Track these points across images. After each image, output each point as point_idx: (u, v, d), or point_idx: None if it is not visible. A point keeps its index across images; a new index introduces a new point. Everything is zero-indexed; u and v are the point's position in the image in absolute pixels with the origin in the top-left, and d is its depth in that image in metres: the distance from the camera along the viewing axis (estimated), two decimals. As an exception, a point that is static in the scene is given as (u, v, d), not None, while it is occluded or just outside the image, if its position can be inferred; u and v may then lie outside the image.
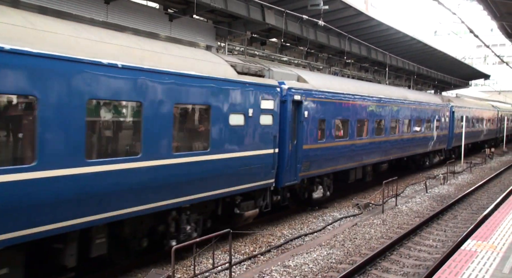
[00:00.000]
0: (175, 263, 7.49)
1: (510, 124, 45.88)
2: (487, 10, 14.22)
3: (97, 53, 7.16)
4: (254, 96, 10.55)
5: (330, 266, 9.36)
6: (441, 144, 25.23)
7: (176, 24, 14.91)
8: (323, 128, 13.67)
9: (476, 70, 43.49)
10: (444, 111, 25.50)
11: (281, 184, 11.83)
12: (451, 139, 26.69)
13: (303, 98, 12.48)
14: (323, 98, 13.66)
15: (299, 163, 12.39)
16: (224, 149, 9.66)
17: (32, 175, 6.14)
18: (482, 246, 8.56)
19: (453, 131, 26.84)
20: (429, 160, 24.74)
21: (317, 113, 13.23)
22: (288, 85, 12.02)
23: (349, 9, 18.75)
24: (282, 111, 11.74)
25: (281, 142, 11.70)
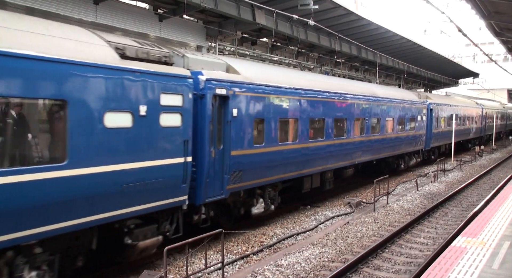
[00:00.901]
0: (167, 264, 7.46)
1: (499, 122, 46.08)
2: (475, 9, 14.37)
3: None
4: (150, 89, 8.06)
5: (322, 265, 9.39)
6: (417, 144, 23.09)
7: (166, 25, 14.88)
8: (261, 130, 11.34)
9: (465, 69, 43.90)
10: (421, 109, 23.29)
11: (200, 201, 9.51)
12: (429, 139, 24.80)
13: (230, 92, 10.10)
14: (262, 93, 11.24)
15: (227, 173, 10.09)
16: (95, 160, 7.15)
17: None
18: (472, 243, 8.65)
19: (431, 131, 24.88)
20: (404, 163, 22.41)
21: (252, 112, 10.89)
22: (208, 75, 9.55)
23: (339, 9, 18.85)
24: (199, 109, 9.37)
25: (198, 148, 9.36)
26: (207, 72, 9.72)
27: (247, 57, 20.49)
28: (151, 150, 8.15)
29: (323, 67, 26.06)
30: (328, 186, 15.39)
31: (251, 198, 11.62)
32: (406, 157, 22.53)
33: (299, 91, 12.85)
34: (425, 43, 30.79)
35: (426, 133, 24.08)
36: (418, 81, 41.20)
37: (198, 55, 10.44)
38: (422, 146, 23.91)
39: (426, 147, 24.62)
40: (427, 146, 24.78)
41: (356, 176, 19.11)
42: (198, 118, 9.37)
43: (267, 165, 11.54)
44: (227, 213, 11.38)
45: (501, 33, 17.85)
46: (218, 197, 10.05)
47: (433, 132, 25.07)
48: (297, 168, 12.97)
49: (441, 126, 26.74)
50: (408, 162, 23.00)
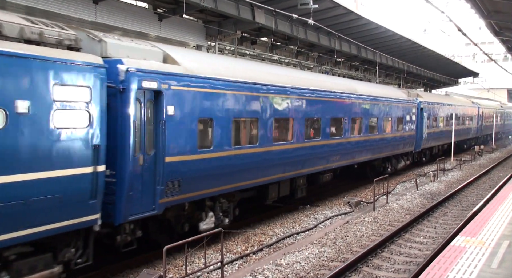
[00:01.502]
0: (166, 263, 7.47)
1: (499, 122, 46.00)
2: (475, 8, 14.38)
3: None
4: (35, 79, 6.37)
5: (321, 264, 9.40)
6: (406, 146, 21.53)
7: (165, 24, 14.89)
8: (208, 132, 9.74)
9: (465, 68, 43.90)
10: (410, 108, 21.73)
11: (120, 220, 7.84)
12: (420, 140, 23.15)
13: (164, 86, 8.46)
14: (210, 88, 9.58)
15: (161, 184, 8.42)
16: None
17: None
18: (471, 242, 8.66)
19: (422, 131, 23.24)
20: (391, 166, 20.66)
21: (196, 110, 9.23)
22: (130, 65, 7.87)
23: (339, 8, 18.85)
24: (119, 106, 7.76)
25: (117, 154, 7.73)
26: (131, 61, 7.99)
27: (247, 56, 20.49)
28: (38, 159, 6.36)
29: (322, 67, 26.06)
30: (300, 194, 13.84)
31: (199, 211, 9.99)
32: (393, 160, 20.89)
33: (260, 87, 11.16)
34: (425, 43, 30.80)
35: (416, 134, 22.55)
36: (418, 80, 41.21)
37: (124, 40, 8.70)
38: (412, 147, 22.43)
39: (416, 148, 23.08)
40: (418, 147, 23.22)
41: (358, 176, 19.09)
42: (118, 117, 7.72)
43: (217, 173, 9.80)
44: (167, 230, 9.67)
45: (501, 33, 17.86)
46: (148, 213, 8.33)
47: (424, 132, 23.57)
48: (259, 174, 11.28)
49: (433, 126, 25.24)
50: (396, 165, 21.35)
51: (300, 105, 12.96)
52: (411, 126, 21.85)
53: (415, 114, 22.42)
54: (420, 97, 24.01)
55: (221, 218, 10.55)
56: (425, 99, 24.33)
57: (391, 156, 20.21)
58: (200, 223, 9.94)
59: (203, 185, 9.56)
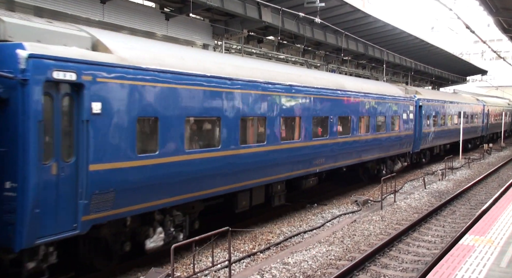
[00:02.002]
0: (174, 262, 7.50)
1: (508, 119, 45.66)
2: (483, 6, 14.27)
3: None
4: None
5: (329, 263, 9.39)
6: (403, 147, 19.85)
7: (172, 23, 14.93)
8: (152, 133, 8.27)
9: (473, 66, 43.61)
10: (407, 106, 20.00)
11: (22, 244, 6.28)
12: (418, 140, 21.52)
13: (87, 78, 6.98)
14: (152, 82, 8.04)
15: (84, 198, 6.95)
16: None
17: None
18: (480, 241, 8.60)
19: (420, 130, 21.65)
20: (385, 168, 18.96)
21: (134, 107, 7.74)
22: (35, 50, 6.38)
23: (346, 6, 18.80)
24: (20, 101, 6.29)
25: (17, 162, 6.29)
26: (36, 45, 6.46)
27: (254, 55, 20.50)
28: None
29: (329, 65, 26.01)
30: (277, 202, 12.32)
31: (146, 226, 8.49)
32: (388, 162, 19.19)
33: (222, 81, 9.55)
34: (433, 40, 30.65)
35: (414, 133, 20.85)
36: (426, 78, 40.99)
37: (38, 21, 7.26)
38: (409, 148, 20.69)
39: (414, 149, 21.37)
40: (416, 148, 21.56)
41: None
42: (18, 115, 6.27)
43: (166, 182, 8.31)
44: (105, 251, 8.21)
45: (509, 30, 17.71)
46: (67, 233, 6.83)
47: (423, 132, 21.96)
48: (223, 182, 9.79)
49: (433, 125, 23.69)
50: (392, 167, 19.61)
51: (275, 102, 11.41)
52: (409, 125, 20.19)
53: (413, 112, 20.76)
54: (419, 94, 22.47)
55: (173, 233, 8.99)
56: (424, 96, 22.83)
57: (386, 157, 18.62)
58: (146, 240, 8.48)
59: (148, 196, 8.06)
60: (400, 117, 19.39)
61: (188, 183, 8.86)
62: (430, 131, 23.19)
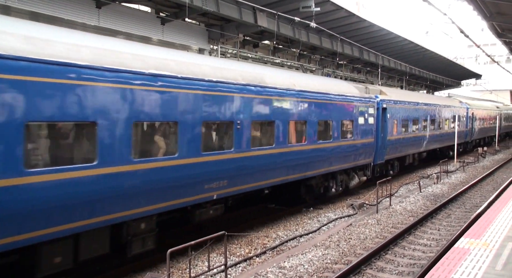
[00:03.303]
0: (170, 266, 7.49)
1: (504, 123, 45.85)
2: (477, 10, 14.39)
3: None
4: None
5: (325, 267, 9.40)
6: (360, 157, 16.33)
7: (168, 28, 14.97)
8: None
9: (468, 70, 43.91)
10: (366, 108, 16.64)
11: None
12: (382, 149, 18.31)
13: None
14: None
15: None
16: None
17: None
18: (475, 244, 8.64)
19: (385, 138, 18.43)
20: (335, 185, 15.33)
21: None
22: None
23: (341, 11, 18.92)
24: None
25: None
26: None
27: (249, 59, 20.56)
28: None
29: (325, 69, 26.12)
30: (139, 248, 8.40)
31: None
32: (340, 177, 15.60)
33: (94, 73, 7.06)
34: (427, 45, 30.84)
35: (376, 141, 17.56)
36: (421, 82, 41.22)
37: None
38: (370, 158, 17.25)
39: (377, 160, 18.05)
40: (379, 158, 18.28)
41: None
42: None
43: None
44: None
45: (503, 34, 17.86)
46: None
47: (388, 139, 18.72)
48: (95, 211, 7.10)
49: (402, 131, 20.44)
50: (348, 182, 16.27)
51: (190, 103, 8.86)
52: (368, 132, 16.71)
53: (374, 116, 17.32)
54: (384, 94, 19.20)
55: None
56: (391, 97, 19.52)
57: (336, 171, 15.07)
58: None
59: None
60: (355, 122, 15.78)
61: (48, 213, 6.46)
62: (398, 138, 19.88)
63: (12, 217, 6.00)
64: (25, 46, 6.31)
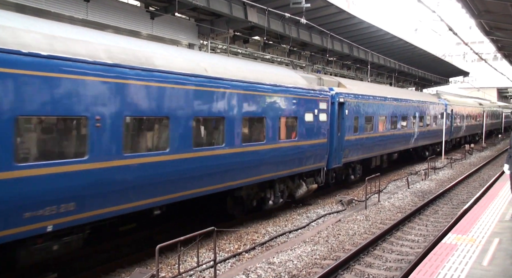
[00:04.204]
0: (159, 262, 7.46)
1: (489, 121, 46.32)
2: (466, 8, 14.48)
3: None
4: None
5: (314, 262, 9.44)
6: (308, 161, 13.65)
7: (158, 22, 14.84)
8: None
9: (456, 67, 44.29)
10: (315, 103, 13.84)
11: None
12: (338, 152, 15.62)
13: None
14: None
15: None
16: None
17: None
18: (462, 240, 8.74)
19: (342, 137, 15.80)
20: (274, 196, 12.60)
21: None
22: None
23: (331, 7, 18.92)
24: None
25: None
26: None
27: (239, 55, 20.48)
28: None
29: (315, 65, 26.14)
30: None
31: None
32: (280, 186, 12.85)
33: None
34: (416, 42, 31.04)
35: (330, 142, 14.89)
36: (410, 79, 41.48)
37: None
38: (321, 163, 14.56)
39: (332, 164, 15.29)
40: (335, 161, 15.54)
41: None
42: None
43: None
44: None
45: (491, 32, 18.01)
46: None
47: (346, 139, 16.02)
48: None
49: (366, 128, 17.86)
50: (295, 191, 13.83)
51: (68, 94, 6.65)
52: (319, 131, 14.11)
53: (327, 113, 14.66)
54: (342, 87, 16.53)
55: None
56: (351, 91, 16.68)
57: (275, 179, 12.43)
58: None
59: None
60: (301, 120, 13.10)
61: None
62: (360, 137, 17.25)
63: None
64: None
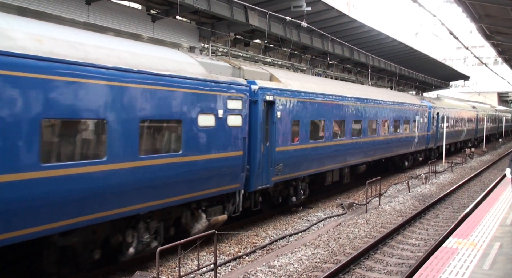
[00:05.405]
0: (159, 265, 7.44)
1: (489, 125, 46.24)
2: (466, 12, 14.49)
3: None
4: None
5: (314, 266, 9.41)
6: (211, 182, 9.85)
7: (159, 25, 14.86)
8: None
9: (456, 72, 44.30)
10: (224, 101, 10.03)
11: None
12: (262, 168, 11.53)
13: None
14: None
15: None
16: None
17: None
18: (463, 244, 8.72)
19: (272, 148, 11.84)
20: (136, 241, 8.49)
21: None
22: None
23: (332, 11, 18.94)
24: None
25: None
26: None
27: (240, 58, 20.51)
28: None
29: (315, 69, 26.16)
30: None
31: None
32: (141, 226, 8.54)
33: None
34: (417, 46, 31.05)
35: (250, 155, 11.09)
36: (410, 83, 41.51)
37: None
38: (235, 184, 10.64)
39: (256, 184, 11.39)
40: (261, 181, 11.59)
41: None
42: None
43: None
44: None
45: (492, 36, 18.03)
46: None
47: (278, 151, 12.04)
48: None
49: (310, 137, 13.66)
50: (186, 228, 9.72)
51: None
52: (227, 141, 10.14)
53: (243, 115, 10.67)
54: (276, 81, 12.48)
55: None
56: (287, 86, 12.57)
57: (140, 213, 8.35)
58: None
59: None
60: (188, 124, 9.08)
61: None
62: (302, 148, 13.19)
63: None
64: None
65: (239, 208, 11.17)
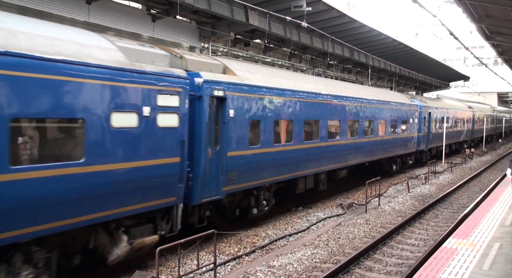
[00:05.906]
0: (159, 265, 7.44)
1: (489, 126, 46.18)
2: (466, 13, 14.50)
3: None
4: None
5: (314, 266, 9.42)
6: (134, 197, 7.91)
7: (159, 25, 14.86)
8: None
9: (456, 72, 44.29)
10: (149, 97, 8.09)
11: None
12: (210, 177, 9.81)
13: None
14: None
15: None
16: None
17: None
18: (462, 244, 8.73)
19: (223, 153, 10.16)
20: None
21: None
22: None
23: (332, 11, 18.94)
24: None
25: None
26: None
27: (240, 58, 20.52)
28: None
29: (315, 69, 26.17)
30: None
31: None
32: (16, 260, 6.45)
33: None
34: (417, 46, 31.05)
35: (189, 163, 9.24)
36: (410, 83, 41.52)
37: None
38: (171, 197, 8.81)
39: (201, 196, 9.68)
40: (208, 192, 9.87)
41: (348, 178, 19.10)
42: None
43: None
44: None
45: (492, 37, 18.03)
46: None
47: (230, 156, 10.36)
48: None
49: (274, 139, 12.04)
50: (103, 254, 8.08)
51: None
52: (159, 143, 8.39)
53: (180, 114, 8.85)
54: (231, 74, 10.91)
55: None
56: (243, 80, 11.02)
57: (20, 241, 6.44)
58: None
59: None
60: (95, 124, 7.23)
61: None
62: (263, 152, 11.60)
63: None
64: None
65: (177, 226, 9.02)
